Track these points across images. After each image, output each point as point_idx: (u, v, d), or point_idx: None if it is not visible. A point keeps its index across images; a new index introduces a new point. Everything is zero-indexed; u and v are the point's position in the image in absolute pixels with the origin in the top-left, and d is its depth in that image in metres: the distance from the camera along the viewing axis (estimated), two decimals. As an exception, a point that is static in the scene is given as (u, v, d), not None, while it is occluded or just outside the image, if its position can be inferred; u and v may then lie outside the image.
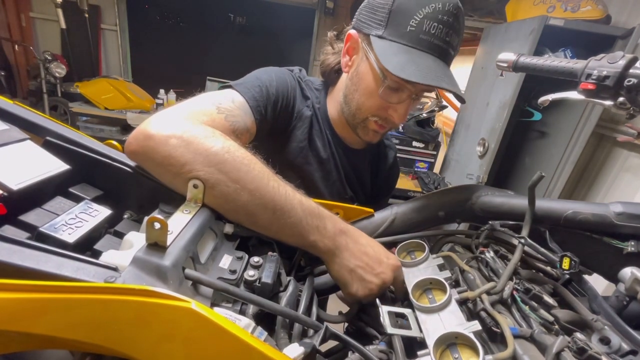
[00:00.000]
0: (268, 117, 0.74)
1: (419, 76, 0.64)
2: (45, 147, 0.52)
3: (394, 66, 0.65)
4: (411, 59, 0.66)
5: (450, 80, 0.67)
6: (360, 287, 0.55)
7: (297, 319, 0.44)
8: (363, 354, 0.45)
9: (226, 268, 0.47)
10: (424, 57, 0.67)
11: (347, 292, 0.57)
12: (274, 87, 0.75)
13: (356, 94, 0.77)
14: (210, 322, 0.32)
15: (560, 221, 0.60)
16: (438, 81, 0.65)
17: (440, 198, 0.71)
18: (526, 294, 0.54)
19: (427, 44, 0.67)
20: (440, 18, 0.65)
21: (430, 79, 0.65)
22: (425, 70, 0.65)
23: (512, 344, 0.45)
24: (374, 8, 0.70)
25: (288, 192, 0.53)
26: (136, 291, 0.33)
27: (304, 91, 0.86)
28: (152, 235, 0.39)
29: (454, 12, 0.66)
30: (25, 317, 0.32)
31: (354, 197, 0.95)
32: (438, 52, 0.67)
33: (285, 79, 0.80)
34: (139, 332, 0.33)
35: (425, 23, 0.65)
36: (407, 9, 0.66)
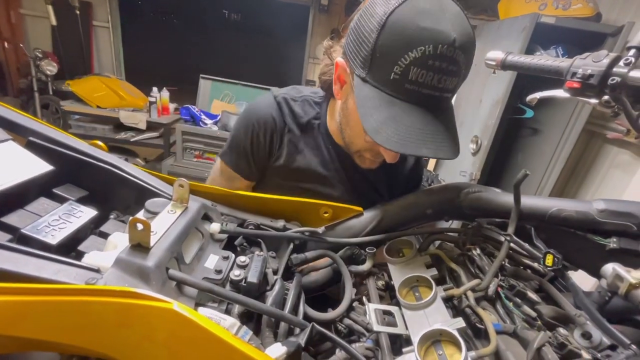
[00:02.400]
0: (253, 167, 0.86)
1: (394, 142, 0.55)
2: (29, 147, 0.51)
3: (370, 126, 0.57)
4: (392, 117, 0.57)
5: (438, 139, 0.58)
6: None
7: (283, 318, 0.44)
8: (348, 351, 0.45)
9: (212, 268, 0.47)
10: (409, 112, 0.57)
11: None
12: (244, 142, 0.84)
13: (347, 128, 0.73)
14: (192, 322, 0.32)
15: (545, 218, 0.60)
16: (418, 147, 0.56)
17: (428, 196, 0.71)
18: (511, 291, 0.55)
19: (413, 94, 0.56)
20: (431, 64, 0.53)
21: (409, 145, 0.56)
22: (404, 133, 0.56)
23: (494, 340, 0.45)
24: (359, 40, 0.59)
25: None
26: (117, 292, 0.33)
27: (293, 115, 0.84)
28: (135, 236, 0.39)
29: (449, 55, 0.53)
30: (4, 320, 0.31)
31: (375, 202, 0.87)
32: (427, 102, 0.57)
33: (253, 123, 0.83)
34: (120, 334, 0.33)
35: (412, 71, 0.54)
36: (391, 52, 0.54)
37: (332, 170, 0.85)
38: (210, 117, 2.92)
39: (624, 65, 0.55)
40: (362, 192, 0.87)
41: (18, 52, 4.12)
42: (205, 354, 0.32)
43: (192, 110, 2.89)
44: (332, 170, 0.85)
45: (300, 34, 4.42)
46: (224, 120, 2.79)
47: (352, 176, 0.86)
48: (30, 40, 4.15)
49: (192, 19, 4.71)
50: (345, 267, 0.64)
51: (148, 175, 0.59)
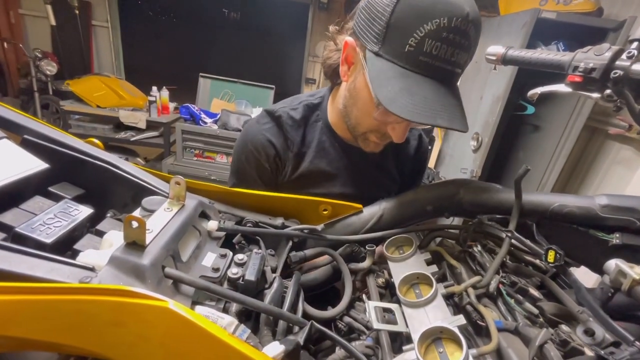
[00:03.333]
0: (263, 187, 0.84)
1: (410, 111, 0.56)
2: (23, 145, 0.51)
3: (384, 96, 0.58)
4: (406, 88, 0.57)
5: (450, 112, 0.59)
6: None
7: (281, 316, 0.44)
8: (348, 349, 0.45)
9: (209, 266, 0.47)
10: (422, 84, 0.58)
11: None
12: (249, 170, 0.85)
13: (354, 109, 0.73)
14: (187, 321, 0.32)
15: (547, 214, 0.60)
16: (433, 117, 0.57)
17: (428, 192, 0.71)
18: (512, 287, 0.54)
19: (427, 67, 0.57)
20: (445, 36, 0.55)
21: (424, 114, 0.57)
22: (420, 103, 0.57)
23: (496, 338, 0.45)
24: (372, 16, 0.60)
25: None
26: (112, 291, 0.33)
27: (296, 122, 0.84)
28: (130, 234, 0.38)
29: (463, 28, 0.55)
30: (-4, 319, 0.31)
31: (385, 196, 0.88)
32: (441, 75, 0.59)
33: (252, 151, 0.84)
34: (115, 333, 0.33)
35: (427, 43, 0.55)
36: (407, 25, 0.56)
37: (340, 167, 0.85)
38: (210, 115, 2.91)
39: (627, 58, 0.54)
40: (373, 180, 0.88)
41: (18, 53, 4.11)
42: (202, 353, 0.32)
43: (191, 109, 2.89)
44: (341, 167, 0.85)
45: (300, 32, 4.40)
46: (223, 119, 2.78)
47: (361, 167, 0.87)
48: (30, 41, 4.15)
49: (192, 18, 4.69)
50: (345, 264, 0.63)
51: (145, 173, 0.58)
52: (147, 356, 0.33)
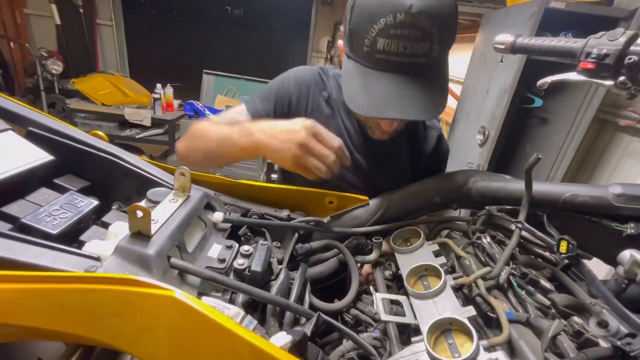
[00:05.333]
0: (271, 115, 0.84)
1: (364, 107, 0.62)
2: (28, 137, 0.51)
3: (347, 95, 0.64)
4: (365, 85, 0.62)
5: (406, 102, 0.61)
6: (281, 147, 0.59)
7: (288, 307, 0.43)
8: (355, 341, 0.44)
9: (215, 257, 0.46)
10: (380, 80, 0.62)
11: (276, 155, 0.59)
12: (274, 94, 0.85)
13: None
14: (194, 310, 0.31)
15: (559, 204, 0.58)
16: (383, 111, 0.61)
17: (436, 184, 0.70)
18: (523, 279, 0.53)
19: (384, 63, 0.61)
20: (393, 33, 0.58)
21: (376, 109, 0.61)
22: (375, 99, 0.61)
23: (507, 329, 0.44)
24: (344, 22, 0.65)
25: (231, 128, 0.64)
26: (117, 280, 0.32)
27: (324, 85, 0.86)
28: (135, 224, 0.38)
29: (409, 21, 0.57)
30: (2, 308, 0.31)
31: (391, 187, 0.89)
32: (400, 68, 0.61)
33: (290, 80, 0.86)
34: (121, 322, 0.32)
35: (379, 41, 0.59)
36: (361, 29, 0.60)
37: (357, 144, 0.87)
38: (214, 112, 2.92)
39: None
40: (382, 167, 0.89)
41: (24, 52, 4.15)
42: (208, 342, 0.31)
43: (195, 105, 2.89)
44: (358, 144, 0.87)
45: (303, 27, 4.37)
46: (228, 116, 2.78)
47: (373, 150, 0.88)
48: (36, 40, 4.18)
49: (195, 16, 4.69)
50: (351, 257, 0.62)
51: (149, 165, 0.58)
52: (154, 346, 0.32)
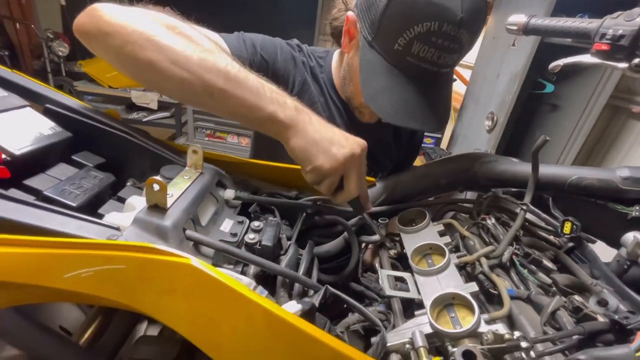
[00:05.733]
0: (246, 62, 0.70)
1: (387, 112, 0.59)
2: (46, 114, 0.52)
3: (368, 92, 0.60)
4: (388, 87, 0.59)
5: (425, 113, 0.60)
6: (326, 159, 0.47)
7: (297, 279, 0.45)
8: (362, 312, 0.46)
9: (227, 231, 0.48)
10: (404, 85, 0.59)
11: (311, 167, 0.48)
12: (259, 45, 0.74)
13: (350, 85, 0.74)
14: (209, 277, 0.33)
15: (565, 187, 0.59)
16: (406, 120, 0.59)
17: (442, 166, 0.70)
18: (526, 258, 0.55)
19: (412, 67, 0.58)
20: (434, 41, 0.55)
21: (399, 116, 0.58)
22: (398, 104, 0.59)
23: (508, 304, 0.45)
24: (370, 2, 0.59)
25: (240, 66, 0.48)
26: (138, 248, 0.34)
27: (306, 60, 0.81)
28: (152, 197, 0.39)
29: (453, 34, 0.54)
30: (32, 270, 0.33)
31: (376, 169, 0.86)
32: (425, 76, 0.59)
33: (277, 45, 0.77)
34: (141, 287, 0.34)
35: (415, 45, 0.55)
36: (398, 23, 0.55)
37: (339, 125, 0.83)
38: (221, 95, 2.90)
39: (660, 22, 0.51)
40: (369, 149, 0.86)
41: (30, 34, 4.13)
42: (224, 307, 0.33)
43: (202, 89, 2.87)
44: (340, 124, 0.83)
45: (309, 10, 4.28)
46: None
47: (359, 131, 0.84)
48: (41, 21, 4.15)
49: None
50: (354, 234, 0.64)
51: (162, 143, 0.59)
52: (172, 309, 0.34)
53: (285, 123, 0.46)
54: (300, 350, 0.31)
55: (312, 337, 0.31)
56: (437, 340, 0.45)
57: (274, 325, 0.32)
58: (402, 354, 0.45)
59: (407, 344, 0.44)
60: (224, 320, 0.33)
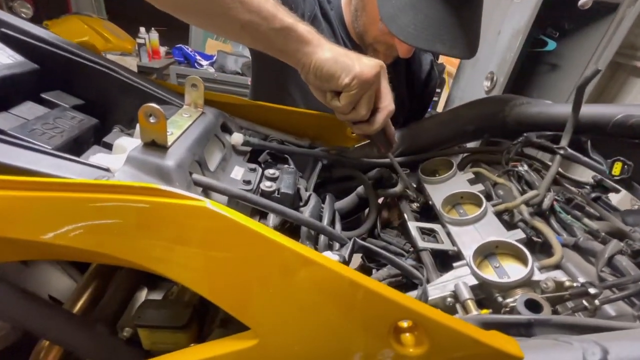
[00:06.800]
0: None
1: (409, 33, 0.52)
2: (4, 42, 0.42)
3: (386, 10, 0.54)
4: (411, 3, 0.53)
5: (454, 34, 0.53)
6: (364, 67, 0.42)
7: (323, 230, 0.39)
8: (398, 265, 0.41)
9: (239, 179, 0.41)
10: (430, 1, 0.53)
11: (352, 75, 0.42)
12: None
13: (363, 15, 0.66)
14: (232, 222, 0.26)
15: (608, 128, 0.53)
16: (432, 42, 0.53)
17: (468, 111, 0.64)
18: (567, 204, 0.50)
19: None
20: None
21: (423, 38, 0.52)
22: (421, 23, 0.52)
23: (560, 249, 0.41)
24: None
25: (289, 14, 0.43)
26: (138, 189, 0.27)
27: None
28: (149, 132, 0.32)
29: None
30: (0, 219, 0.25)
31: None
32: None
33: None
34: (145, 237, 0.27)
35: None
36: None
37: None
38: (206, 58, 2.71)
39: None
40: None
41: (-14, -8, 3.71)
42: (252, 257, 0.27)
43: (185, 50, 2.68)
44: None
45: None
46: (220, 61, 2.59)
47: None
48: (-2, -23, 3.71)
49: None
50: (371, 187, 0.58)
51: (153, 82, 0.50)
52: (186, 264, 0.28)
53: (305, 36, 0.41)
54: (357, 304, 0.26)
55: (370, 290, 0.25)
56: (480, 292, 0.41)
57: (319, 277, 0.26)
58: (442, 308, 0.40)
59: (449, 297, 0.40)
60: (252, 273, 0.27)
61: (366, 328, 0.26)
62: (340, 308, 0.25)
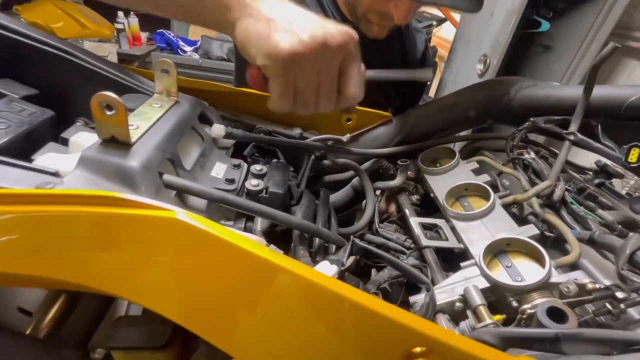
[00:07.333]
0: None
1: None
2: None
3: None
4: None
5: None
6: (285, 37, 0.31)
7: (319, 234, 0.35)
8: (401, 268, 0.37)
9: (221, 177, 0.36)
10: None
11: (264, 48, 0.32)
12: None
13: None
14: (206, 234, 0.22)
15: (621, 111, 0.49)
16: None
17: (471, 94, 0.59)
18: (580, 194, 0.47)
19: None
20: None
21: None
22: None
23: (577, 247, 0.38)
24: None
25: None
26: (93, 199, 0.22)
27: None
28: (106, 126, 0.26)
29: None
30: None
31: (384, 104, 0.80)
32: None
33: None
34: (102, 257, 0.23)
35: None
36: None
37: None
38: (189, 43, 2.59)
39: None
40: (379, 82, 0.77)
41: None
42: (230, 273, 0.22)
43: (167, 35, 2.55)
44: None
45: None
46: (204, 47, 2.47)
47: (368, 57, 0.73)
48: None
49: None
50: (368, 180, 0.54)
51: (121, 68, 0.44)
52: (154, 287, 0.23)
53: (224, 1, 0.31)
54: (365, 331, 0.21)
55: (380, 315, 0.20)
56: (491, 295, 0.37)
57: (311, 296, 0.21)
58: (451, 314, 0.37)
59: (458, 302, 0.36)
60: (234, 295, 0.23)
61: (375, 357, 0.22)
62: (345, 336, 0.21)
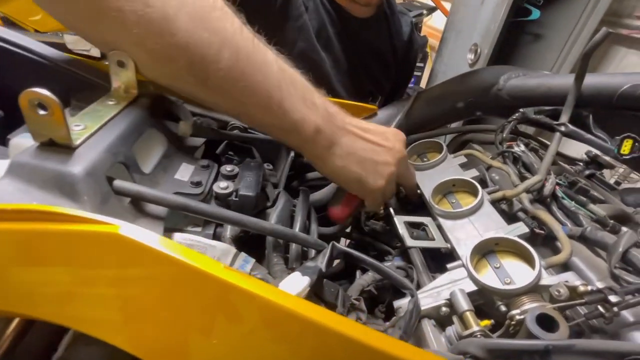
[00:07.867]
0: None
1: None
2: None
3: None
4: None
5: None
6: (377, 178, 0.39)
7: (295, 239, 0.32)
8: (384, 273, 0.35)
9: (186, 180, 0.33)
10: None
11: (365, 190, 0.40)
12: None
13: None
14: (151, 252, 0.19)
15: (613, 100, 0.47)
16: None
17: (459, 85, 0.57)
18: (571, 188, 0.45)
19: None
20: None
21: None
22: None
23: (568, 245, 0.36)
24: None
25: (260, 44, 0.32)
26: (19, 213, 0.19)
27: None
28: (41, 127, 0.23)
29: None
30: None
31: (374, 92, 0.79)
32: None
33: None
34: (32, 281, 0.20)
35: None
36: None
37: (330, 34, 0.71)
38: (173, 36, 2.50)
39: None
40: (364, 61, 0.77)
41: None
42: (183, 294, 0.20)
43: (150, 28, 2.45)
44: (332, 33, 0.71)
45: None
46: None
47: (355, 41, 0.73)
48: None
49: None
50: None
51: (80, 61, 0.41)
52: (94, 310, 0.20)
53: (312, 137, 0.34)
54: (320, 353, 0.19)
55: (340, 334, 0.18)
56: (479, 298, 0.35)
57: (271, 320, 0.19)
58: (436, 319, 0.35)
59: (444, 306, 0.34)
60: (188, 318, 0.20)
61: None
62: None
